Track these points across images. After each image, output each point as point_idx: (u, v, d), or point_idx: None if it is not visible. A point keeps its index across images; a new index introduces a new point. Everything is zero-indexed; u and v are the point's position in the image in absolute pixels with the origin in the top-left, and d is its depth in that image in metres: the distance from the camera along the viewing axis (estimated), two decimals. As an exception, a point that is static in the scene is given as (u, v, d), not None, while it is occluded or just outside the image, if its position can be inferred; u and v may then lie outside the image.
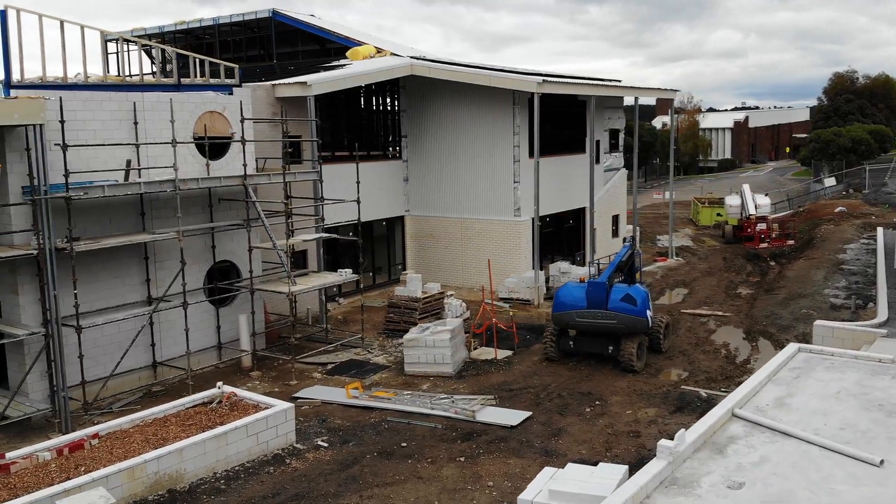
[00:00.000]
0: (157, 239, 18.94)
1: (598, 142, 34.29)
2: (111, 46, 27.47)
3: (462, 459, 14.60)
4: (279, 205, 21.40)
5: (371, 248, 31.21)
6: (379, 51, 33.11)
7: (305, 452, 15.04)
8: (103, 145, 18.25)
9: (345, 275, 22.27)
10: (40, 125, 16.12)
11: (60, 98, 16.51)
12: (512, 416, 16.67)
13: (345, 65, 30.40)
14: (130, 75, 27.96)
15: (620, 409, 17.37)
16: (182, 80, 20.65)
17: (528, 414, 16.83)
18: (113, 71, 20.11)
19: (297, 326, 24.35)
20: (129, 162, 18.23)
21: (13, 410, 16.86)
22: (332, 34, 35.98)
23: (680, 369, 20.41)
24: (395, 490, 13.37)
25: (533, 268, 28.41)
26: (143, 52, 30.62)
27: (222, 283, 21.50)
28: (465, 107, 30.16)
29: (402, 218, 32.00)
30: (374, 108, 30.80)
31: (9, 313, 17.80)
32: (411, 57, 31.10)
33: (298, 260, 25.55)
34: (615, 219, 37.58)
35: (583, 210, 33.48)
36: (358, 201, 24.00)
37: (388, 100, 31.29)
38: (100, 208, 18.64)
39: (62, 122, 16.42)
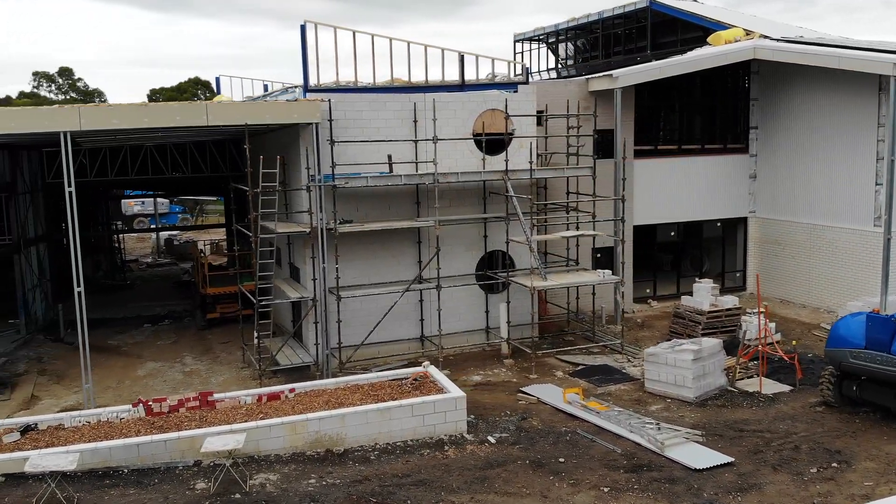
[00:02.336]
0: (415, 226, 20.81)
1: None
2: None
3: (606, 490, 13.34)
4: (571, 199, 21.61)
5: (699, 251, 28.98)
6: (748, 34, 30.10)
7: (468, 444, 15.34)
8: (385, 141, 20.68)
9: (604, 275, 21.38)
10: (316, 123, 19.09)
11: (329, 101, 19.33)
12: (705, 458, 14.45)
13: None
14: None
15: (860, 477, 13.70)
16: (467, 80, 22.02)
17: (727, 460, 14.40)
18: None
19: (577, 322, 24.34)
20: (390, 157, 20.36)
21: (294, 358, 20.58)
22: (707, 20, 33.75)
23: None
24: (508, 502, 12.96)
25: (883, 291, 23.22)
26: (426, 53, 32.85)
27: (491, 271, 22.53)
28: (822, 94, 25.82)
29: (744, 220, 28.87)
30: (716, 97, 28.21)
31: (304, 279, 21.54)
32: (777, 39, 27.49)
33: (605, 258, 25.13)
34: None
35: None
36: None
37: (736, 87, 28.37)
38: (380, 196, 21.21)
39: (330, 120, 19.23)
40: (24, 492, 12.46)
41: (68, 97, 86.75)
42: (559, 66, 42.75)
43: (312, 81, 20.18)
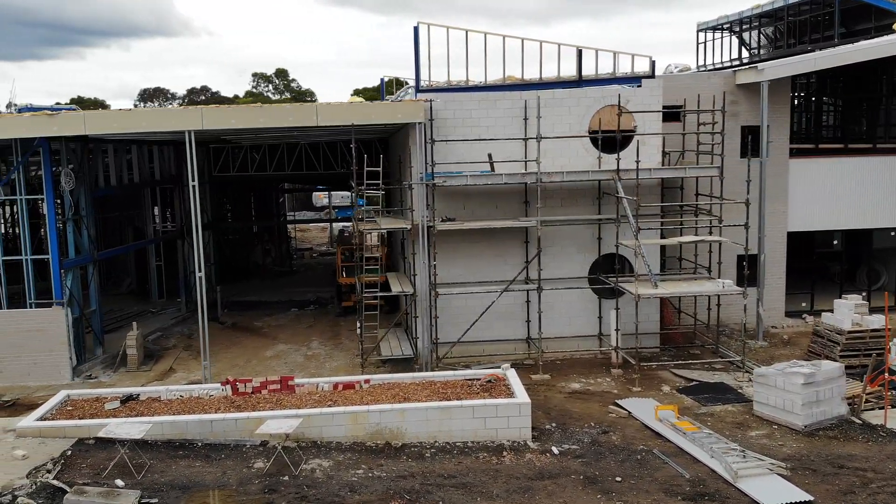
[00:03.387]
0: (516, 225, 20.47)
1: None
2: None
3: (652, 516, 12.44)
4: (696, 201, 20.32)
5: (876, 262, 25.84)
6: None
7: (528, 452, 14.95)
8: (491, 140, 20.57)
9: (724, 286, 19.69)
10: (419, 123, 19.43)
11: (430, 101, 19.55)
12: (780, 494, 12.95)
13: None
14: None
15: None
16: (585, 75, 21.25)
17: (805, 498, 12.81)
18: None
19: (706, 335, 22.71)
20: (490, 155, 20.16)
21: (397, 350, 21.21)
22: (901, 5, 29.88)
23: None
24: (542, 515, 12.51)
25: None
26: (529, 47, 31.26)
27: (605, 275, 21.62)
28: None
29: (927, 229, 25.30)
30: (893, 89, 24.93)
31: (411, 275, 22.04)
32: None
33: (754, 266, 23.13)
34: None
35: None
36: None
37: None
38: (487, 194, 21.14)
39: (430, 120, 19.46)
40: (107, 454, 14.01)
41: (283, 97, 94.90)
42: (751, 54, 39.81)
43: (424, 82, 20.52)
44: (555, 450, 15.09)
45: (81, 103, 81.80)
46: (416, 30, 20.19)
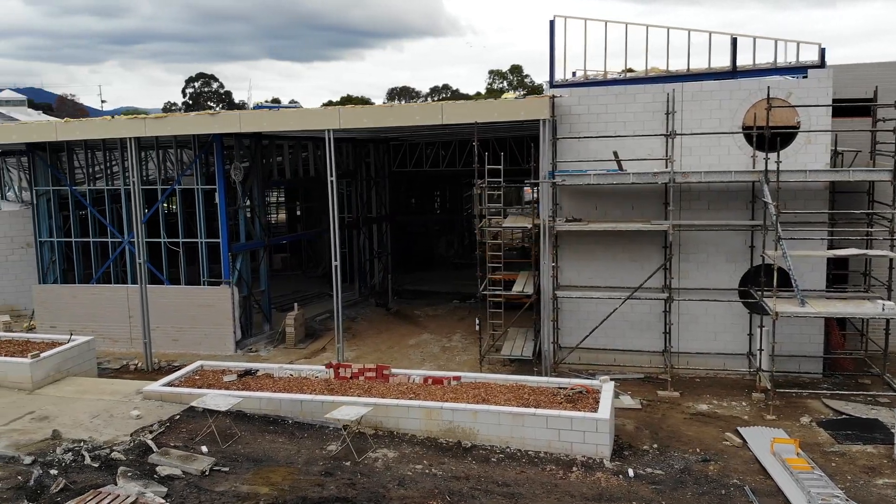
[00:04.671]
0: (645, 228, 19.07)
1: None
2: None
3: (697, 560, 11.15)
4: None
5: None
6: None
7: (599, 471, 14.03)
8: (633, 136, 19.42)
9: (885, 307, 16.74)
10: (545, 119, 18.89)
11: (555, 97, 18.80)
12: (868, 561, 10.92)
13: None
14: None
15: None
16: (740, 66, 19.19)
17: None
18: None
19: (878, 361, 19.61)
20: (615, 153, 18.92)
21: (517, 351, 20.94)
22: None
23: None
24: (575, 539, 11.74)
25: None
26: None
27: (756, 288, 19.42)
28: None
29: None
30: None
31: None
32: None
33: None
34: None
35: None
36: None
37: None
38: (622, 194, 20.01)
39: (552, 118, 18.80)
40: (206, 423, 15.52)
41: (517, 92, 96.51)
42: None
43: (559, 76, 19.91)
44: (630, 472, 14.02)
45: (350, 101, 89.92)
46: (551, 24, 19.65)
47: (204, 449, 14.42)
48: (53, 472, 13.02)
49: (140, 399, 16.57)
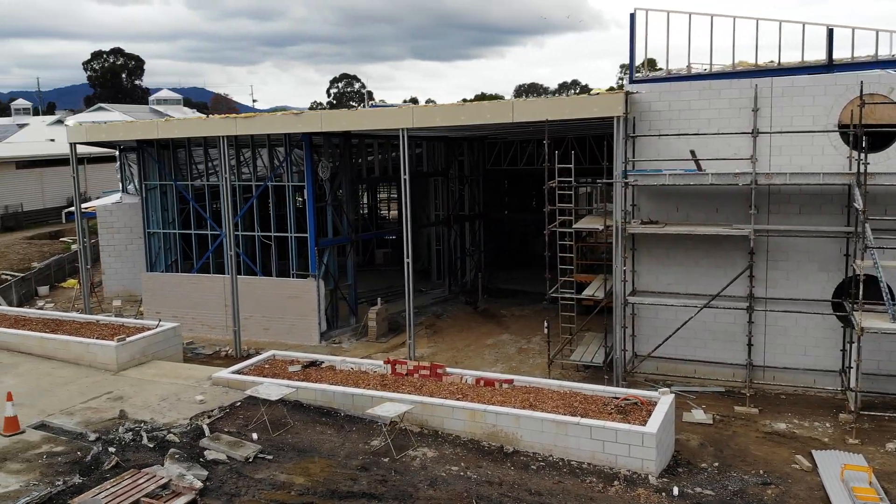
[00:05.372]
0: (726, 233, 17.91)
1: None
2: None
3: (721, 591, 10.39)
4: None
5: None
6: None
7: (641, 487, 13.34)
8: (716, 134, 18.34)
9: None
10: (618, 117, 18.15)
11: (629, 93, 17.99)
12: None
13: None
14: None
15: None
16: (836, 59, 17.59)
17: None
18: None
19: None
20: (693, 152, 17.82)
21: (587, 357, 20.33)
22: None
23: None
24: (595, 557, 11.25)
25: None
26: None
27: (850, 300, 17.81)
28: None
29: None
30: None
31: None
32: None
33: None
34: None
35: None
36: None
37: None
38: (706, 196, 18.94)
39: (625, 115, 17.99)
40: (263, 410, 16.12)
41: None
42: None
43: (639, 72, 19.08)
44: (675, 491, 13.26)
45: (483, 98, 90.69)
46: (632, 17, 18.84)
47: (254, 436, 14.98)
48: (112, 449, 13.96)
49: (209, 385, 17.45)
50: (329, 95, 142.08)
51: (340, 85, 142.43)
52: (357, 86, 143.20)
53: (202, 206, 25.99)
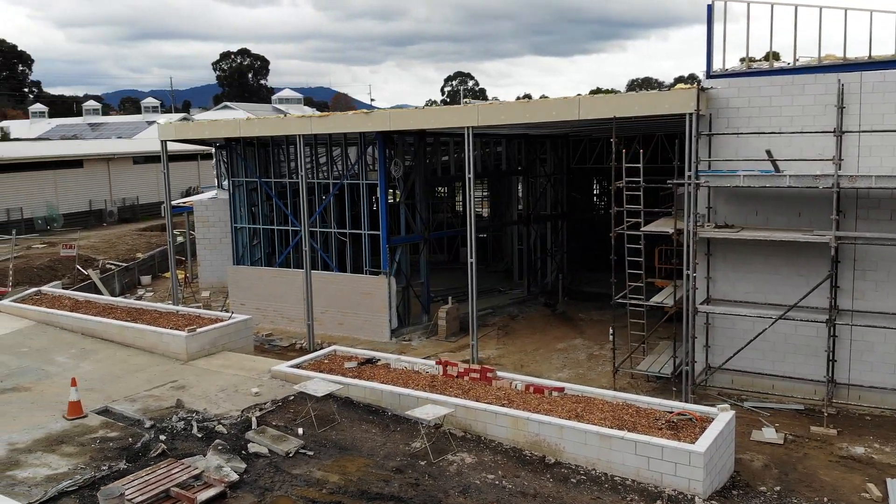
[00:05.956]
0: (803, 240, 16.57)
1: None
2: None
3: None
4: None
5: None
6: None
7: (685, 509, 12.59)
8: (799, 133, 17.06)
9: None
10: (691, 114, 17.15)
11: (700, 88, 16.96)
12: None
13: None
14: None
15: None
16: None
17: None
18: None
19: None
20: (769, 152, 16.53)
21: (655, 367, 19.46)
22: None
23: None
24: (617, 581, 10.66)
25: None
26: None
27: (948, 316, 16.14)
28: None
29: None
30: None
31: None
32: None
33: None
34: None
35: None
36: None
37: None
38: (788, 199, 17.70)
39: (697, 112, 16.95)
40: (312, 406, 16.32)
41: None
42: None
43: (717, 66, 17.99)
44: (722, 515, 12.42)
45: (598, 93, 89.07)
46: (709, 8, 17.77)
47: (300, 431, 15.20)
48: (162, 437, 14.52)
49: (268, 378, 17.86)
50: (443, 94, 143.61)
51: (454, 83, 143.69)
52: (471, 83, 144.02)
53: (285, 202, 26.69)
